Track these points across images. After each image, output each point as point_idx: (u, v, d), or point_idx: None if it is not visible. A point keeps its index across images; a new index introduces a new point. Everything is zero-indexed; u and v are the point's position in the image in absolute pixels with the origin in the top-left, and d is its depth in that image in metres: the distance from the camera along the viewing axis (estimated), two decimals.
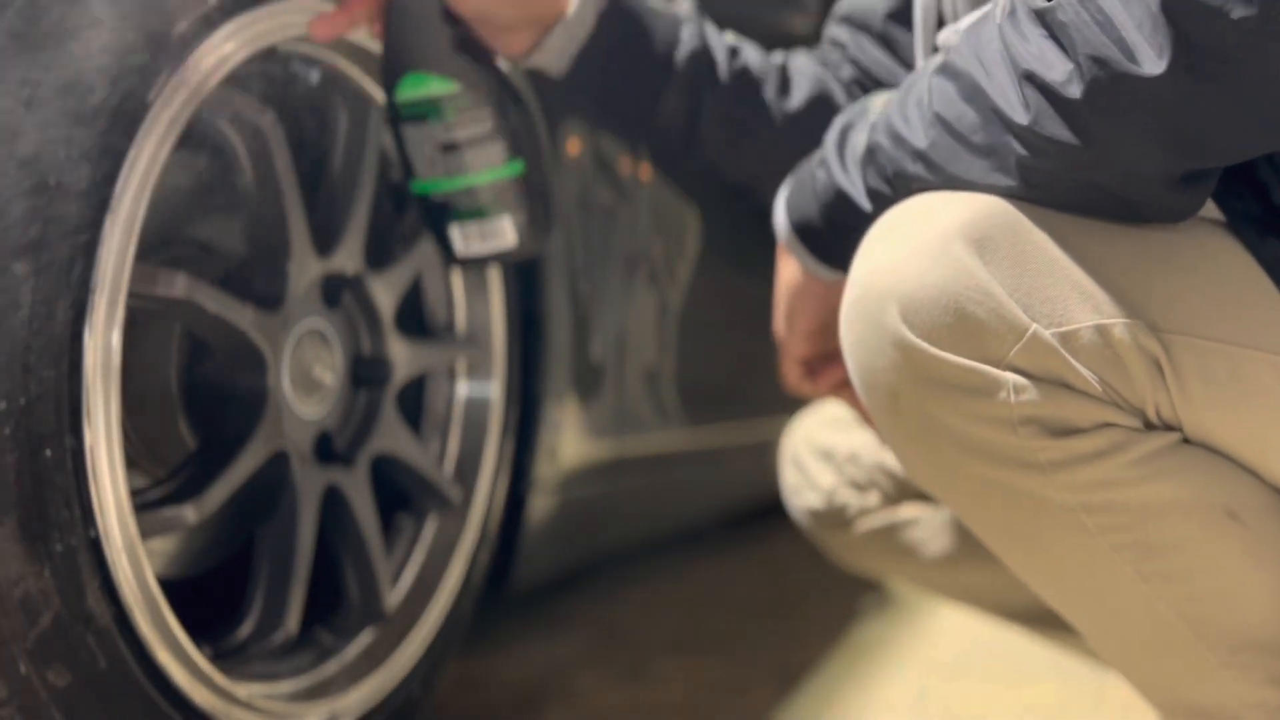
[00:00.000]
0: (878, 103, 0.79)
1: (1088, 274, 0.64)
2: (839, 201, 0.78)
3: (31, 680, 0.67)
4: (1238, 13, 0.55)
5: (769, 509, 2.66)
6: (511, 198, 0.90)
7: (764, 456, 2.27)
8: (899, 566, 1.12)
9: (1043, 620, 1.07)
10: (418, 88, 0.87)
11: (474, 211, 0.90)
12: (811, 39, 1.15)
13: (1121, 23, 0.58)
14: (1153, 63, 0.57)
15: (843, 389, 0.94)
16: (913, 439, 0.71)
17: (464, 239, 0.92)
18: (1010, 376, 0.64)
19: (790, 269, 0.89)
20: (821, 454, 1.13)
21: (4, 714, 0.66)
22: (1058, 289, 0.64)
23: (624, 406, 1.43)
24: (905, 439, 0.72)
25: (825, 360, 0.93)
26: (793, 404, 1.24)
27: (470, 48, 0.87)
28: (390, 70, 0.88)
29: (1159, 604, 0.70)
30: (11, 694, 0.66)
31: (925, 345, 0.65)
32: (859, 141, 0.76)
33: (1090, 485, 0.66)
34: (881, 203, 0.73)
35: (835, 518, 1.11)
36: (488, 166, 0.88)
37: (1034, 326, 0.63)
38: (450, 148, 0.88)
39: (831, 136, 0.80)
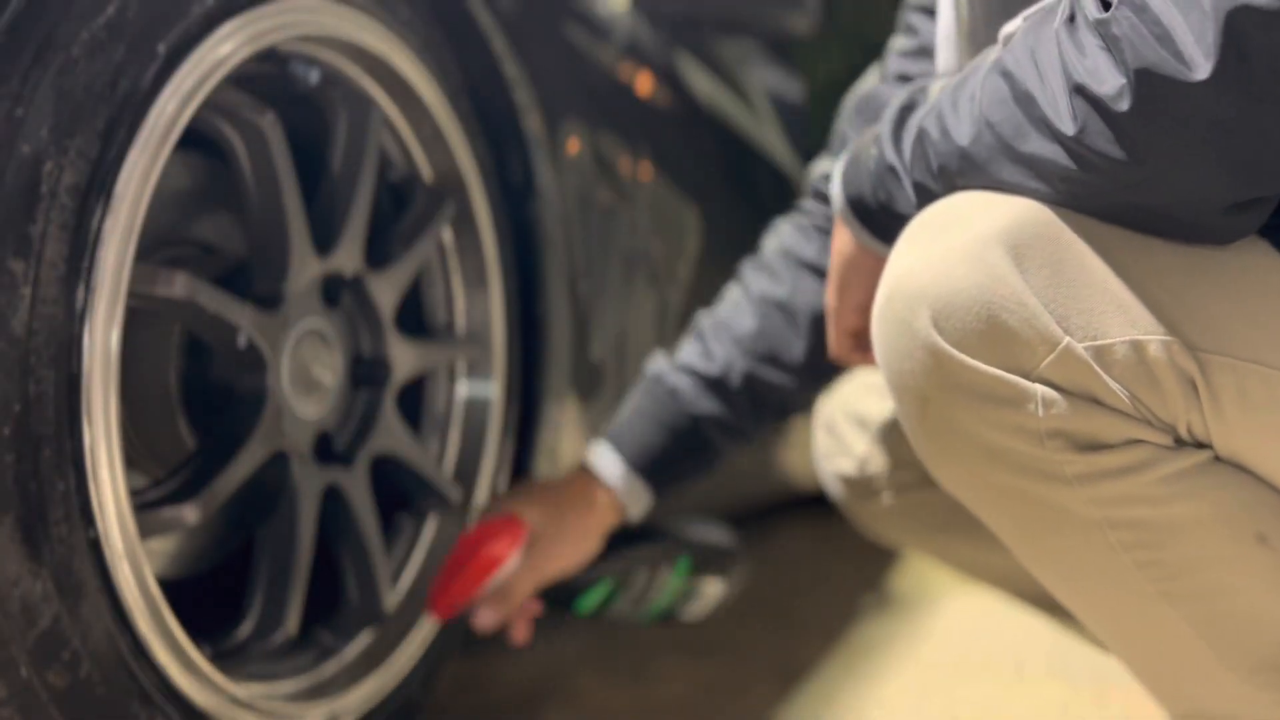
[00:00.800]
0: (936, 88, 0.77)
1: (1127, 287, 0.62)
2: (890, 183, 0.76)
3: (31, 681, 0.67)
4: None
5: (769, 508, 2.66)
6: (699, 578, 1.13)
7: (763, 455, 2.27)
8: (923, 541, 1.13)
9: (1061, 608, 1.07)
10: (590, 601, 1.10)
11: (682, 602, 1.14)
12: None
13: (1180, 35, 0.55)
14: (1202, 69, 0.55)
15: None
16: (939, 444, 0.70)
17: (691, 612, 1.16)
18: (1040, 389, 0.63)
19: (844, 241, 0.87)
20: (857, 420, 1.12)
21: (4, 714, 0.66)
22: (1094, 301, 0.62)
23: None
24: (931, 443, 0.71)
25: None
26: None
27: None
28: (561, 610, 1.12)
29: (1180, 623, 0.69)
30: (11, 694, 0.66)
31: (955, 352, 0.64)
32: (914, 124, 0.74)
33: (1116, 501, 0.65)
34: (926, 196, 0.72)
35: (865, 486, 1.11)
36: (667, 586, 1.11)
37: (1067, 340, 0.62)
38: (637, 601, 1.11)
39: (889, 114, 0.78)
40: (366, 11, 0.97)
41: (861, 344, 0.94)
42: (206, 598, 0.96)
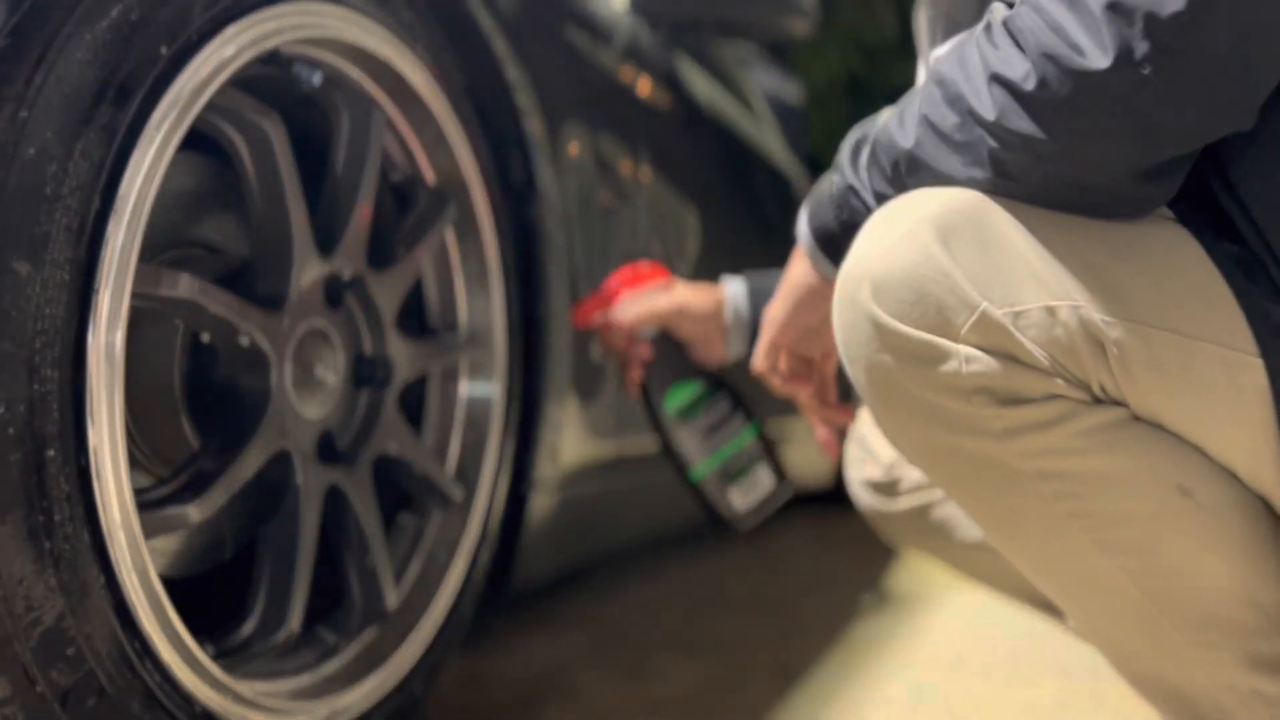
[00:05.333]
0: (884, 116, 0.85)
1: (1045, 262, 0.69)
2: (850, 202, 0.84)
3: (35, 679, 0.67)
4: (1167, 10, 0.61)
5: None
6: (758, 452, 1.23)
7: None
8: (935, 545, 1.16)
9: (1053, 607, 1.09)
10: (680, 396, 1.21)
11: (738, 473, 1.22)
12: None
13: (1069, 26, 0.65)
14: (1099, 58, 0.63)
15: (801, 393, 1.08)
16: (888, 409, 0.77)
17: (741, 496, 1.23)
18: (962, 348, 0.70)
19: (803, 270, 0.96)
20: None
21: (8, 713, 0.66)
22: (1013, 274, 0.69)
23: (624, 406, 1.43)
24: (882, 410, 0.77)
25: (800, 365, 1.06)
26: (791, 405, 1.24)
27: (694, 359, 1.24)
28: (656, 392, 1.22)
29: (1120, 576, 0.74)
30: (15, 693, 0.66)
31: (890, 320, 0.72)
32: (868, 145, 0.83)
33: (1042, 453, 0.71)
34: (885, 203, 0.79)
35: (891, 490, 1.14)
36: (738, 435, 1.22)
37: (984, 304, 0.69)
38: (710, 431, 1.21)
39: (846, 148, 0.86)
40: (369, 15, 0.97)
41: (787, 372, 1.06)
42: (210, 596, 0.97)
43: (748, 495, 1.23)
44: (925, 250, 0.70)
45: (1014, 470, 0.73)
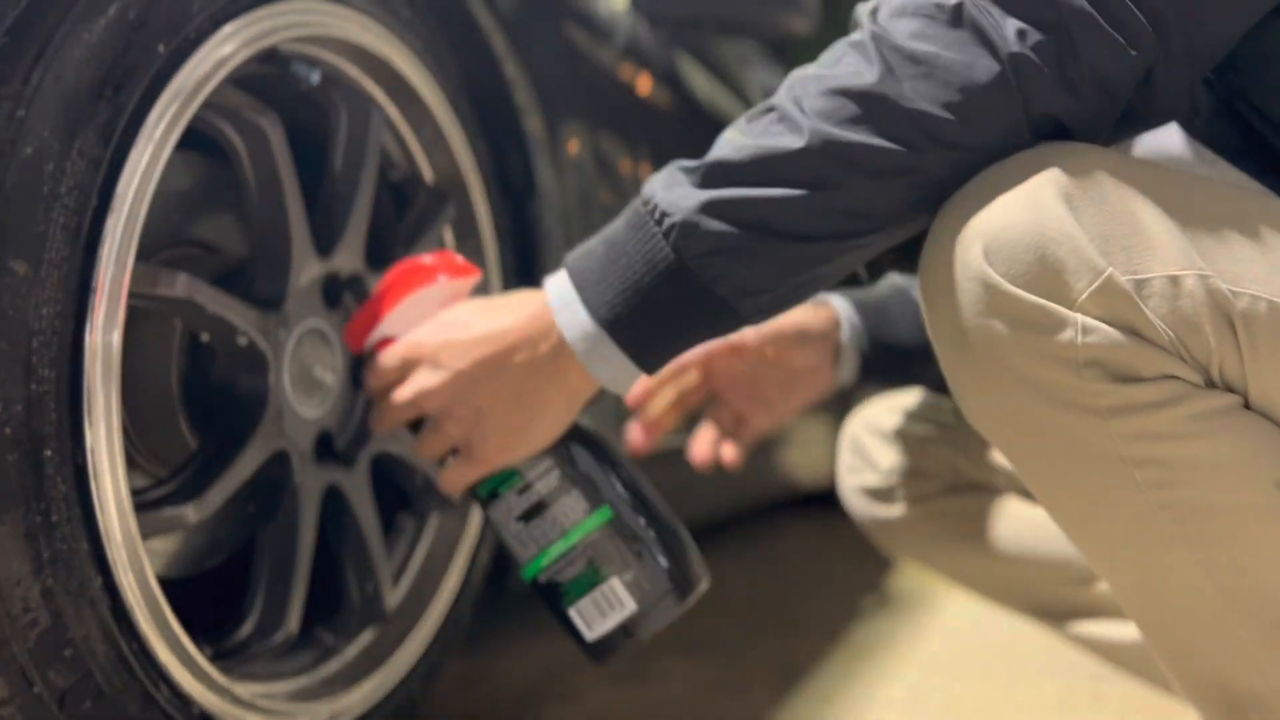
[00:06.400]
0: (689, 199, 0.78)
1: (1170, 228, 0.66)
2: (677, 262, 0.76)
3: (33, 680, 0.67)
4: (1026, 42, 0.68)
5: (770, 507, 2.66)
6: (610, 553, 0.81)
7: (765, 455, 2.27)
8: (930, 554, 1.15)
9: (1053, 615, 1.09)
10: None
11: (581, 583, 0.81)
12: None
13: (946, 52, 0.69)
14: (984, 72, 0.68)
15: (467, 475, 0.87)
16: (978, 377, 0.72)
17: (584, 621, 0.82)
18: (1079, 317, 0.66)
19: (572, 376, 0.82)
20: (882, 436, 1.15)
21: (5, 714, 0.66)
22: (1138, 239, 0.66)
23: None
24: (970, 377, 0.73)
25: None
26: None
27: None
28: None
29: (1196, 569, 0.70)
30: (13, 694, 0.66)
31: (1004, 283, 0.67)
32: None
33: (1144, 437, 0.67)
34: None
35: (887, 496, 1.13)
36: (572, 528, 0.81)
37: (1110, 269, 0.65)
38: (531, 514, 0.82)
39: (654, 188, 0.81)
40: (367, 13, 0.97)
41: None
42: (208, 597, 0.96)
43: (594, 620, 0.82)
44: (1046, 209, 0.67)
45: (1107, 454, 0.69)
